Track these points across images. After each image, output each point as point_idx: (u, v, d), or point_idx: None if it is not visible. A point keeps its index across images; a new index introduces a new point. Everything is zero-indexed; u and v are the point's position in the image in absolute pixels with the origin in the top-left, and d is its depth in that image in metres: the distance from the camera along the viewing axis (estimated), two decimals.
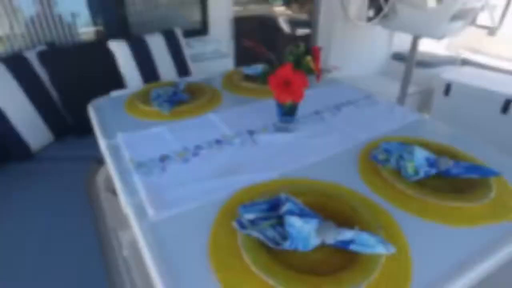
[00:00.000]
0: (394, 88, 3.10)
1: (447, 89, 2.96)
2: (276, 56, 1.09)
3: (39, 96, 1.81)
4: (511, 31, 3.49)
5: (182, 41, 2.18)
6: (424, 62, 3.45)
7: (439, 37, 2.31)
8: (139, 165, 1.03)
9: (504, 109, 2.60)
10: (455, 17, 2.34)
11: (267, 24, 4.56)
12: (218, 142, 1.14)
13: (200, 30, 2.50)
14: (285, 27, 4.37)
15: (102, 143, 1.16)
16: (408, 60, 2.73)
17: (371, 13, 3.29)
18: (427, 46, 3.75)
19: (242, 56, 2.78)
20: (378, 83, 3.46)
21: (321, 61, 1.08)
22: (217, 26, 2.55)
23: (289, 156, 1.07)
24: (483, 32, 3.63)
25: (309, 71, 1.07)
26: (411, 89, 3.23)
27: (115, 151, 1.11)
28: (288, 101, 1.03)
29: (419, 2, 2.27)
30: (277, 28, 4.41)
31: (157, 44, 2.05)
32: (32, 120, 1.76)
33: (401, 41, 3.45)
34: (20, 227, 1.33)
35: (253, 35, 4.57)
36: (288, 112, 1.16)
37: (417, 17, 2.35)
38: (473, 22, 3.77)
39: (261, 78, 1.06)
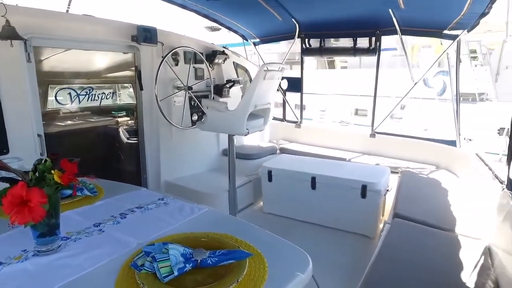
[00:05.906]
0: (226, 182, 3.33)
1: (270, 175, 3.35)
2: None
3: None
4: (310, 124, 4.38)
5: None
6: (250, 155, 3.90)
7: (243, 133, 2.65)
8: None
9: (363, 194, 2.92)
10: (254, 116, 2.76)
11: (110, 134, 4.54)
12: None
13: None
14: (124, 136, 4.40)
15: None
16: (229, 155, 3.02)
17: (194, 118, 3.65)
18: (252, 140, 4.30)
19: None
20: (211, 179, 3.67)
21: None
22: (21, 143, 2.35)
23: (36, 283, 0.94)
24: (293, 125, 4.43)
25: (61, 186, 1.03)
26: (242, 180, 3.53)
27: None
28: (29, 222, 0.94)
29: (219, 107, 2.63)
30: (118, 138, 4.41)
31: None
32: None
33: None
34: None
35: (96, 146, 4.43)
36: (46, 233, 1.06)
37: (221, 118, 2.69)
38: (284, 119, 4.58)
39: None
